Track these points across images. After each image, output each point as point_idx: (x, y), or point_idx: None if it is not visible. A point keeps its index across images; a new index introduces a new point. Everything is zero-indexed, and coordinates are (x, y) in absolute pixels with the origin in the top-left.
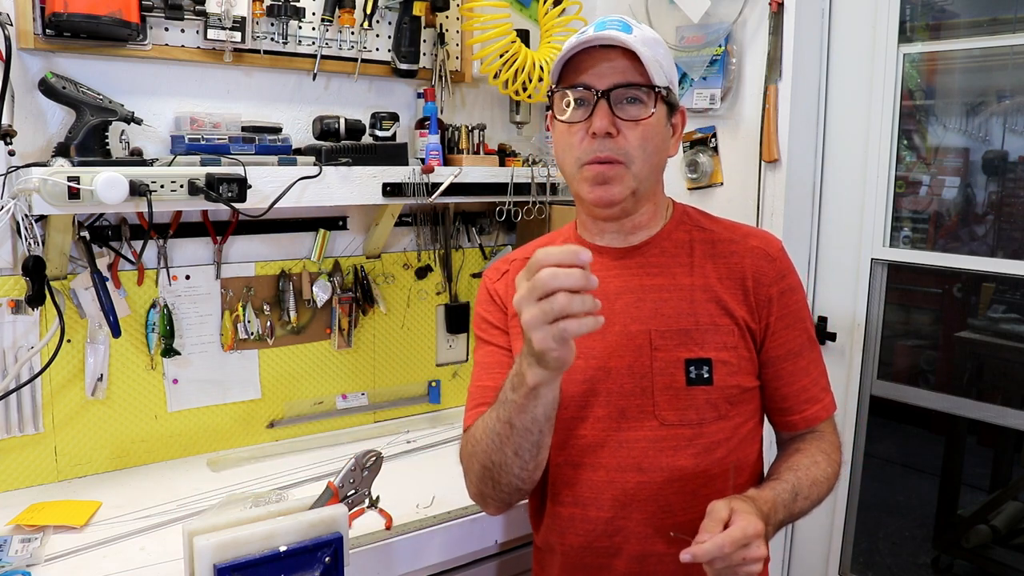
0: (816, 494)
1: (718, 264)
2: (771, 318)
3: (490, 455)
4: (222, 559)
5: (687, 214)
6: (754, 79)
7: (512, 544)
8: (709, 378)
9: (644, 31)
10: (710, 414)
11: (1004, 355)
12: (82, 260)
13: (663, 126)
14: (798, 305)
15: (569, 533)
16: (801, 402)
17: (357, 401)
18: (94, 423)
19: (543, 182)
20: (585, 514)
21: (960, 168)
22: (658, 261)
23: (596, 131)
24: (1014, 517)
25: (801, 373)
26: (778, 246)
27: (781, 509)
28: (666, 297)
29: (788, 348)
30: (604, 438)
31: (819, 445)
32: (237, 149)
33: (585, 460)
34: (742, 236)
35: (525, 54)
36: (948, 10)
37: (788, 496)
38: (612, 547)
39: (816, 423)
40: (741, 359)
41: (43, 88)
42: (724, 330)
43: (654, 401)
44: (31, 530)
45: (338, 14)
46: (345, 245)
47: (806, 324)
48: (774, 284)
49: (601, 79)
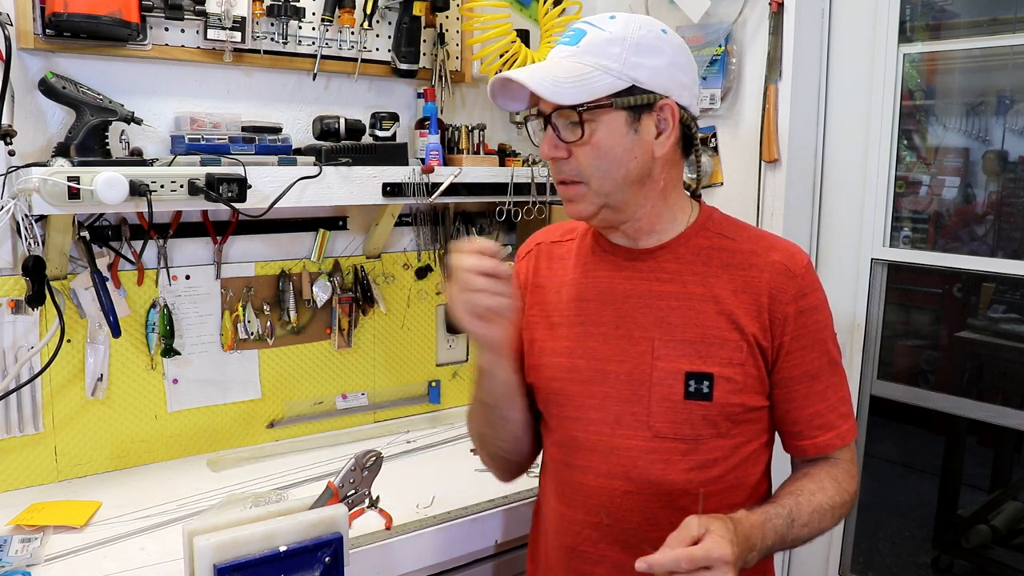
0: (818, 522)
1: (734, 276)
2: (786, 337)
3: (476, 427)
4: (222, 559)
5: (712, 219)
6: (754, 79)
7: (512, 544)
8: (709, 393)
9: (604, 32)
10: (707, 431)
11: (1004, 355)
12: (82, 260)
13: (621, 135)
14: (819, 326)
15: (560, 533)
16: (813, 428)
17: (357, 401)
18: (94, 423)
19: (543, 182)
20: (574, 516)
21: (960, 168)
22: (671, 267)
23: (542, 156)
24: (1014, 517)
25: (816, 398)
26: (803, 263)
27: (771, 535)
28: (674, 306)
29: (804, 370)
30: (596, 442)
31: (830, 472)
32: (237, 149)
33: (578, 461)
34: (764, 249)
35: (525, 54)
36: (948, 10)
37: (782, 522)
38: (596, 553)
39: (828, 451)
40: (748, 377)
41: (43, 88)
42: (732, 345)
43: (649, 411)
44: (31, 530)
45: (338, 14)
46: (345, 245)
47: (827, 346)
48: (792, 302)
49: (544, 103)
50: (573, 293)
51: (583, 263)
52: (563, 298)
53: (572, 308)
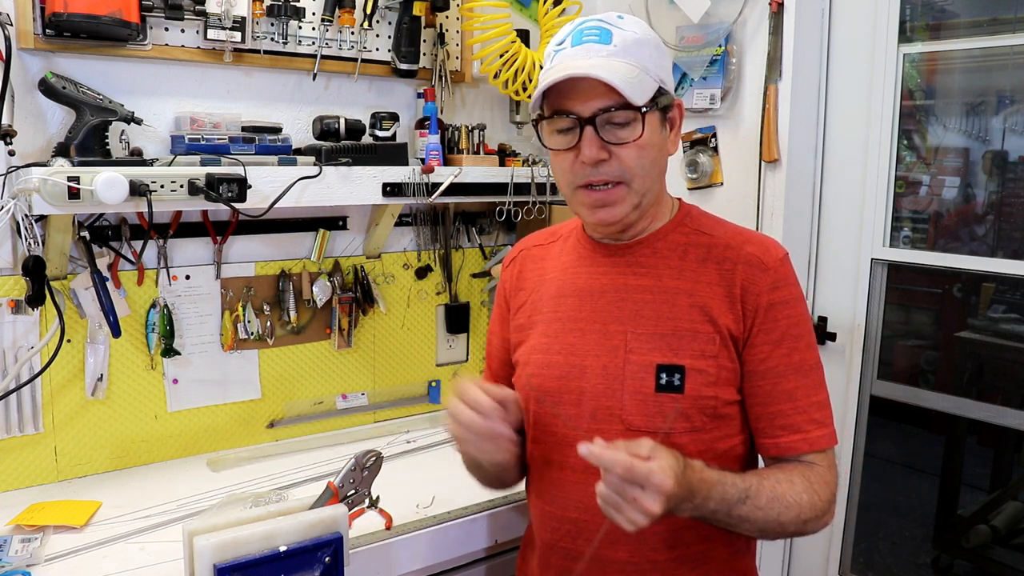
0: (776, 512)
1: (708, 269)
2: (755, 328)
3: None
4: (222, 559)
5: (690, 215)
6: (754, 79)
7: (512, 544)
8: (680, 386)
9: (627, 32)
10: (680, 424)
11: (1004, 355)
12: (82, 260)
13: (658, 133)
14: (791, 321)
15: (542, 530)
16: (776, 427)
17: (357, 401)
18: (94, 423)
19: (543, 182)
20: (553, 512)
21: (960, 168)
22: (647, 261)
23: (586, 160)
24: (1014, 517)
25: (782, 396)
26: (778, 256)
27: (717, 498)
28: (648, 299)
29: (768, 365)
30: (573, 437)
31: (804, 472)
32: (237, 149)
33: (555, 457)
34: (740, 243)
35: (525, 54)
36: (948, 10)
37: (735, 493)
38: (574, 550)
39: (791, 453)
40: (721, 369)
41: (43, 88)
42: (704, 338)
43: (623, 404)
44: (31, 530)
45: (338, 14)
46: (345, 245)
47: (798, 344)
48: (764, 294)
49: (583, 104)
50: (553, 290)
51: (563, 262)
52: (543, 296)
53: (551, 305)
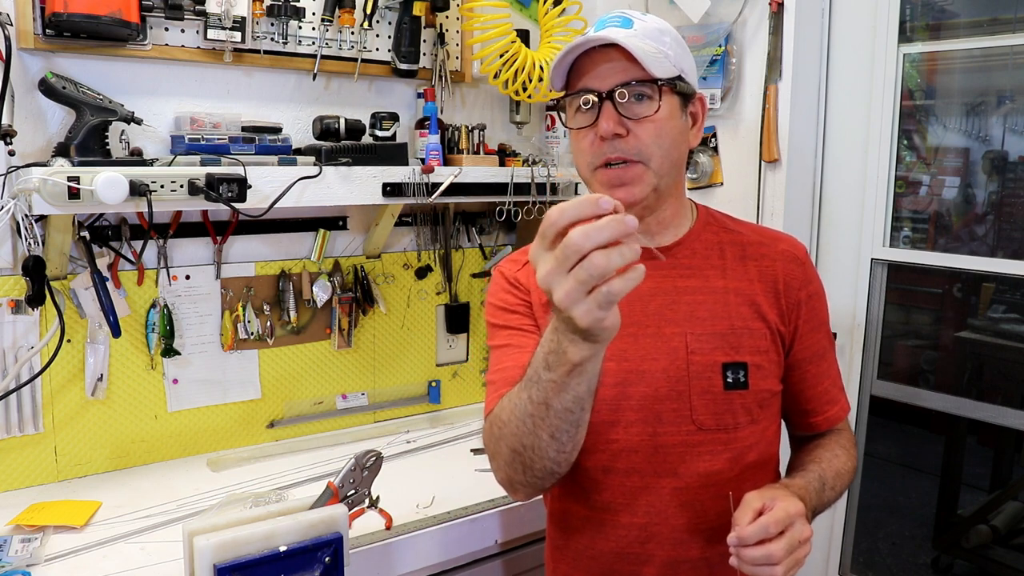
0: (840, 485)
1: (749, 267)
2: (799, 321)
3: (521, 439)
4: (222, 559)
5: (712, 215)
6: (754, 79)
7: (512, 544)
8: (745, 382)
9: (648, 23)
10: (744, 418)
11: (1004, 355)
12: (82, 260)
13: (678, 118)
14: (822, 308)
15: (599, 539)
16: (824, 403)
17: (357, 401)
18: (94, 423)
19: (543, 182)
20: (617, 519)
21: (960, 168)
22: (690, 263)
23: (603, 134)
24: (1014, 517)
25: (823, 376)
26: (804, 250)
27: (813, 496)
28: (701, 300)
29: (814, 351)
30: (638, 443)
31: (838, 440)
32: (237, 149)
33: (617, 465)
34: (771, 240)
35: (525, 54)
36: (948, 10)
37: (817, 485)
38: (644, 554)
39: (837, 423)
40: (771, 363)
41: (43, 88)
42: (758, 334)
43: (691, 405)
44: (31, 530)
45: (338, 14)
46: (345, 245)
47: (827, 327)
48: (803, 288)
49: (602, 80)
50: None
51: None
52: None
53: None
